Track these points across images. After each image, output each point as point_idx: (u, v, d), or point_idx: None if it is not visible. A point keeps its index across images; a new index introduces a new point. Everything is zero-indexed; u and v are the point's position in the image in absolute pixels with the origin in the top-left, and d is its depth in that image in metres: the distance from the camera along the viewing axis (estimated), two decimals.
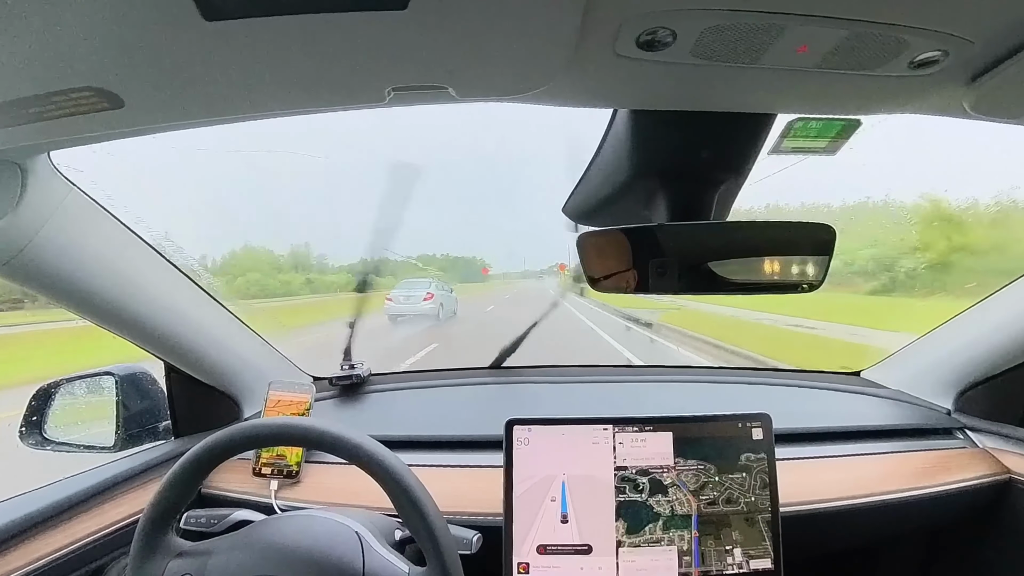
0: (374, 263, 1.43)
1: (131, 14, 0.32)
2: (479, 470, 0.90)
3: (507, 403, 1.17)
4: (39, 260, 0.64)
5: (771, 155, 0.63)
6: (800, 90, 0.48)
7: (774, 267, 0.61)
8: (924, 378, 1.08)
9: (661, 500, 0.78)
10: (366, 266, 1.46)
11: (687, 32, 0.37)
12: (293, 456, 0.90)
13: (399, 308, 9.47)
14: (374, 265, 1.44)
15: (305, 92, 0.45)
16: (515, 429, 0.79)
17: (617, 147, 0.64)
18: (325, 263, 23.22)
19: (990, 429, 0.98)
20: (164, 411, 0.98)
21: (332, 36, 0.36)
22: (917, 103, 0.51)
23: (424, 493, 0.58)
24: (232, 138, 2.78)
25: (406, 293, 9.79)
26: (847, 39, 0.39)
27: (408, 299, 9.68)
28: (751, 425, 0.80)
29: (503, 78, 0.43)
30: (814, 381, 1.19)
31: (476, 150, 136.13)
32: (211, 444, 0.60)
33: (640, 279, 0.60)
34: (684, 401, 1.16)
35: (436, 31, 0.36)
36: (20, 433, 0.87)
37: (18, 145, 0.54)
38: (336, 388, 1.16)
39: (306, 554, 0.58)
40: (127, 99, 0.42)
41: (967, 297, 0.97)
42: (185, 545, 0.62)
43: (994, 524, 0.92)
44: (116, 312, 0.77)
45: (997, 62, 0.42)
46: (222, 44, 0.36)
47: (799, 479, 0.86)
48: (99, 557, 0.76)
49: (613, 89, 0.48)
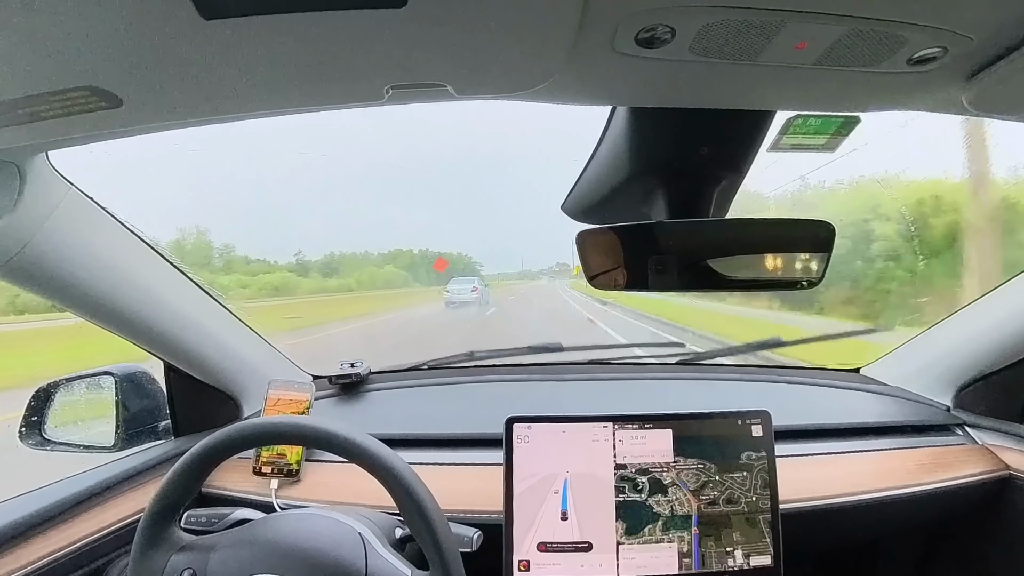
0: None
1: (129, 13, 0.32)
2: (479, 468, 0.90)
3: (507, 401, 1.17)
4: (38, 260, 0.64)
5: (770, 151, 0.63)
6: (799, 87, 0.48)
7: (773, 264, 0.61)
8: (923, 375, 1.08)
9: (661, 500, 0.77)
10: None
11: (686, 29, 0.37)
12: (293, 455, 0.90)
13: (455, 297, 13.88)
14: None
15: (303, 90, 0.45)
16: (515, 427, 0.79)
17: (616, 144, 0.64)
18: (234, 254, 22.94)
19: (989, 426, 0.98)
20: (164, 411, 0.98)
21: (330, 34, 0.36)
22: (916, 99, 0.51)
23: (426, 492, 0.58)
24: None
25: (459, 287, 14.28)
26: (846, 36, 0.39)
27: (460, 291, 13.97)
28: (751, 422, 0.80)
29: (502, 76, 0.43)
30: (813, 378, 1.19)
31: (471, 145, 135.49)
32: (214, 442, 0.60)
33: (639, 276, 0.60)
34: (684, 398, 1.16)
35: (434, 29, 0.36)
36: (20, 433, 0.87)
37: (16, 145, 0.54)
38: (336, 387, 1.16)
39: (309, 553, 0.58)
40: (125, 98, 0.42)
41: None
42: (187, 539, 0.62)
43: (993, 520, 0.93)
44: (115, 312, 0.77)
45: (996, 58, 0.42)
46: (220, 43, 0.36)
47: (799, 476, 0.86)
48: (99, 557, 0.76)
49: (612, 86, 0.48)
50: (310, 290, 21.36)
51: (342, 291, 22.71)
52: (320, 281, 24.08)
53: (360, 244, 54.42)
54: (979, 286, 2.81)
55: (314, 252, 31.03)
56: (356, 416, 1.12)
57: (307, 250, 28.54)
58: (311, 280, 23.79)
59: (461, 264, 33.84)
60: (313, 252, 28.27)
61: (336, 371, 1.16)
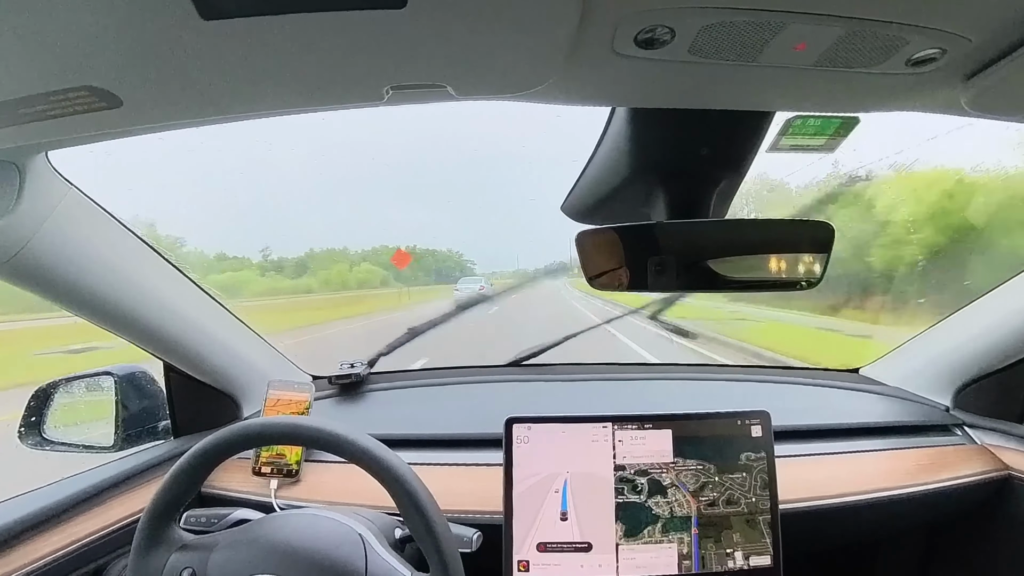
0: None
1: (129, 13, 0.32)
2: (479, 468, 0.90)
3: (506, 401, 1.17)
4: (37, 260, 0.64)
5: (769, 152, 0.63)
6: (798, 88, 0.48)
7: (773, 265, 0.61)
8: (923, 375, 1.08)
9: (660, 501, 0.77)
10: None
11: (685, 30, 0.38)
12: (293, 455, 0.90)
13: (463, 295, 14.99)
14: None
15: (303, 91, 0.45)
16: (515, 427, 0.79)
17: (616, 145, 0.64)
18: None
19: (989, 426, 0.98)
20: (163, 411, 0.98)
21: (330, 35, 0.36)
22: (915, 100, 0.51)
23: (425, 493, 0.58)
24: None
25: (467, 286, 15.19)
26: (845, 37, 0.39)
27: (468, 289, 14.54)
28: (750, 422, 0.80)
29: (502, 77, 0.43)
30: (813, 378, 1.19)
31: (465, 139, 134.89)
32: (213, 442, 0.60)
33: (639, 277, 0.60)
34: (683, 398, 1.16)
35: (435, 30, 0.36)
36: (19, 433, 0.87)
37: (16, 145, 0.54)
38: (335, 387, 1.16)
39: (309, 554, 0.58)
40: (125, 98, 0.42)
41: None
42: (187, 538, 0.62)
43: (992, 520, 0.93)
44: (115, 312, 0.77)
45: (995, 60, 0.42)
46: (220, 43, 0.36)
47: (798, 476, 0.86)
48: (99, 557, 0.76)
49: (611, 87, 0.48)
50: (259, 292, 17.64)
51: (299, 292, 19.34)
52: (276, 280, 20.28)
53: (343, 241, 51.18)
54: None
55: (294, 249, 27.91)
56: (356, 416, 1.12)
57: (282, 247, 25.81)
58: (267, 279, 20.26)
59: (451, 262, 31.41)
60: (292, 249, 25.27)
61: (336, 371, 1.16)
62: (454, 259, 33.05)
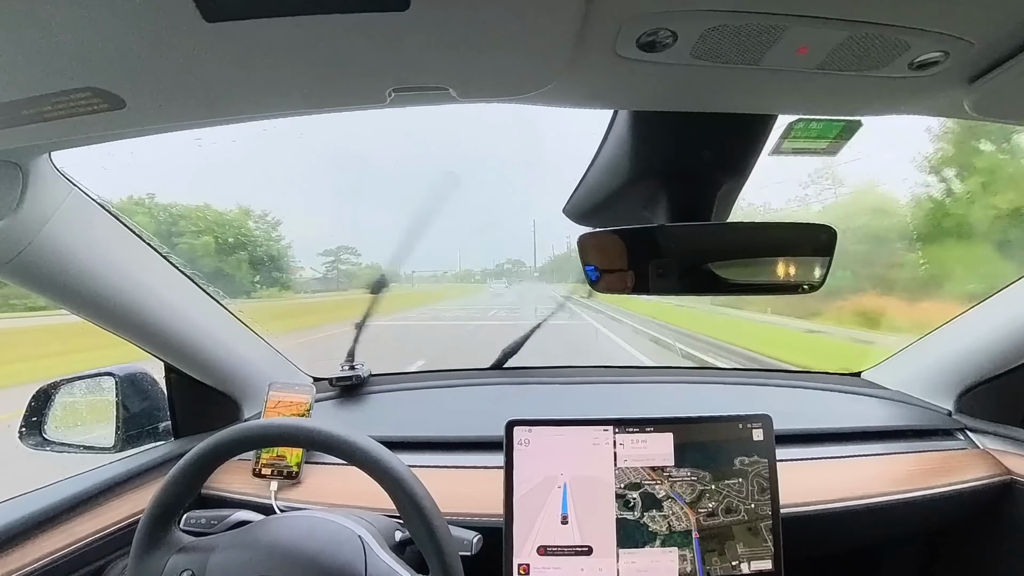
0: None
1: (132, 15, 0.32)
2: (479, 471, 0.90)
3: (507, 404, 1.17)
4: (39, 260, 0.64)
5: (772, 156, 0.63)
6: (800, 91, 0.48)
7: (775, 268, 0.61)
8: (925, 379, 1.08)
9: (656, 516, 0.76)
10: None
11: (688, 33, 0.38)
12: (293, 457, 0.90)
13: (496, 290, 33.27)
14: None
15: (306, 93, 0.45)
16: (515, 430, 0.79)
17: (618, 148, 0.64)
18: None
19: (991, 430, 0.97)
20: (164, 412, 0.98)
21: (333, 37, 0.36)
22: (918, 104, 0.51)
23: (426, 495, 0.58)
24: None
25: (497, 287, 36.04)
26: (848, 40, 0.39)
27: (498, 286, 36.50)
28: (752, 426, 0.79)
29: (504, 79, 0.43)
30: (815, 382, 1.19)
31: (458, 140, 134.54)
32: (214, 443, 0.60)
33: (641, 280, 0.60)
34: (684, 402, 1.16)
35: (437, 32, 0.36)
36: (20, 434, 0.87)
37: (19, 146, 0.54)
38: (336, 389, 1.16)
39: (309, 556, 0.58)
40: (128, 100, 0.42)
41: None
42: (187, 540, 0.62)
43: (995, 525, 0.92)
44: (116, 312, 0.77)
45: (998, 63, 0.42)
46: (223, 45, 0.36)
47: (800, 480, 0.86)
48: (99, 557, 0.76)
49: (614, 90, 0.48)
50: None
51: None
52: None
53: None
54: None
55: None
56: (356, 418, 1.12)
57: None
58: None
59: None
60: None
61: (337, 373, 1.16)
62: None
